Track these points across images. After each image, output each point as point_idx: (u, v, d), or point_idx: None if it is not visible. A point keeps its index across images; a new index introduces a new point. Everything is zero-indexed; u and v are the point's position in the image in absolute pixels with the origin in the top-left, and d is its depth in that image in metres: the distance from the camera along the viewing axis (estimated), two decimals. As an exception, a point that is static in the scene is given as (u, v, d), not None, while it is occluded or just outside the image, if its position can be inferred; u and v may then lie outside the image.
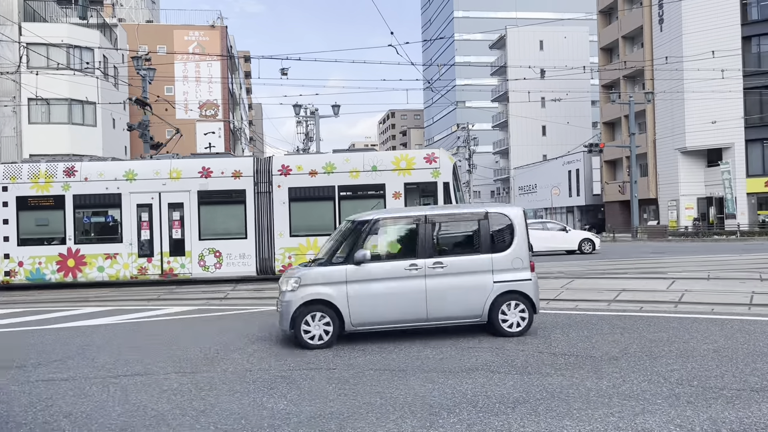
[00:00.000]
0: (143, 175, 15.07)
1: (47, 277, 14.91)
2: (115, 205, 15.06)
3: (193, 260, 14.97)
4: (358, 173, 14.86)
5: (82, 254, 14.97)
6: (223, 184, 15.00)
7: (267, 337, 7.61)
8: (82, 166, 15.25)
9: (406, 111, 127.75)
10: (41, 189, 14.97)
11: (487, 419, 4.24)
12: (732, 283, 11.47)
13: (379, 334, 7.35)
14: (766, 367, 5.34)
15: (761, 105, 38.26)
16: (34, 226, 15.14)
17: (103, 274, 14.97)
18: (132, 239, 15.01)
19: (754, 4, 38.90)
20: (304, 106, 36.07)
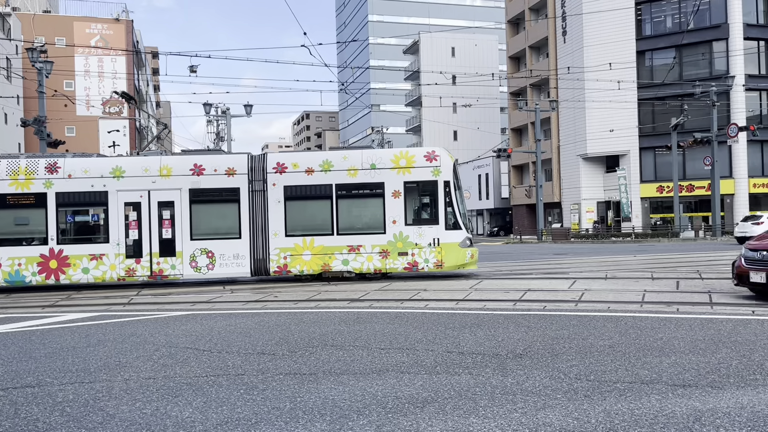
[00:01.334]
0: (131, 172, 14.44)
1: (27, 279, 14.23)
2: (101, 204, 14.40)
3: (185, 261, 14.42)
4: (357, 171, 14.48)
5: (65, 255, 14.28)
6: (215, 181, 14.52)
7: (173, 343, 7.35)
8: (65, 162, 14.45)
9: (321, 113, 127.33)
10: (21, 186, 14.24)
11: (396, 420, 4.28)
12: (627, 282, 12.18)
13: (288, 335, 7.27)
14: (655, 360, 5.70)
15: (653, 115, 40.91)
16: (13, 225, 14.46)
17: (88, 275, 14.33)
18: (119, 239, 14.39)
19: (648, 20, 41.58)
20: (215, 105, 35.19)
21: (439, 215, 14.38)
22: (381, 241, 14.34)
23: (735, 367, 5.37)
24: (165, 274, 14.41)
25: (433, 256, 14.28)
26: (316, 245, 14.39)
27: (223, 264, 14.39)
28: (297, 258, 14.33)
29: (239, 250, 14.43)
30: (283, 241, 14.43)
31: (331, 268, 14.34)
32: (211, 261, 14.38)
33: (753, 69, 39.54)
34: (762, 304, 9.13)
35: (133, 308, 10.99)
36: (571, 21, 43.59)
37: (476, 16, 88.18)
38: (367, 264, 14.32)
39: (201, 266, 14.39)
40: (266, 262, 14.46)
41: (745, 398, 4.48)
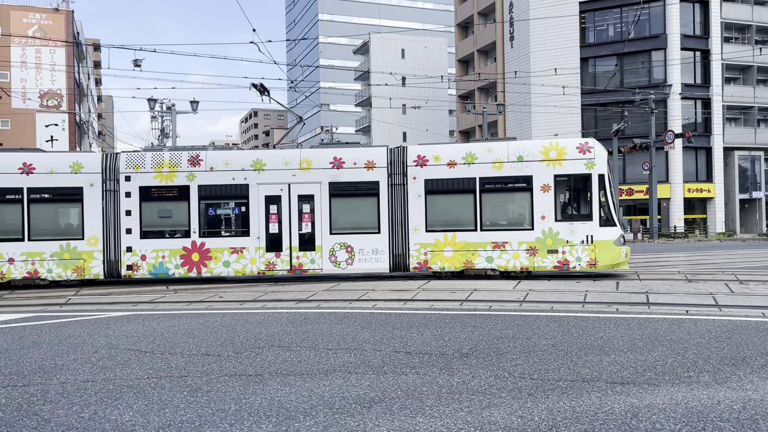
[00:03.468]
0: (272, 165, 14.21)
1: (171, 271, 14.10)
2: (242, 197, 14.18)
3: (324, 256, 14.12)
4: (502, 164, 13.83)
5: (207, 248, 14.11)
6: (355, 175, 14.17)
7: (113, 344, 7.12)
8: (207, 155, 14.19)
9: (269, 111, 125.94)
10: (165, 179, 14.11)
11: (343, 420, 4.27)
12: (569, 283, 12.50)
13: (233, 336, 7.15)
14: (596, 359, 5.86)
15: (596, 121, 42.16)
16: (157, 217, 14.26)
17: (229, 269, 14.11)
18: (260, 233, 14.15)
19: (591, 28, 42.82)
20: (160, 101, 34.34)
21: (593, 211, 13.61)
22: (528, 237, 13.69)
23: (670, 364, 5.58)
24: (304, 269, 14.16)
25: (585, 254, 13.53)
26: (458, 241, 13.86)
27: (362, 259, 14.08)
28: (438, 254, 13.88)
29: (378, 246, 14.08)
30: (423, 237, 13.99)
31: (473, 265, 13.82)
32: (350, 256, 14.07)
33: (689, 78, 41.25)
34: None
35: (71, 309, 10.60)
36: (518, 26, 44.50)
37: (426, 19, 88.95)
38: (513, 262, 13.70)
39: (340, 261, 14.08)
40: (406, 258, 14.04)
41: (680, 395, 4.66)
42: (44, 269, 13.99)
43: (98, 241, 14.09)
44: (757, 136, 44.71)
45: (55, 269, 14.01)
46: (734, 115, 46.91)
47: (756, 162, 44.55)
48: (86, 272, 14.08)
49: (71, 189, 14.14)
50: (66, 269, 14.03)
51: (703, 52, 41.50)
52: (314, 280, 14.85)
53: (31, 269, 13.99)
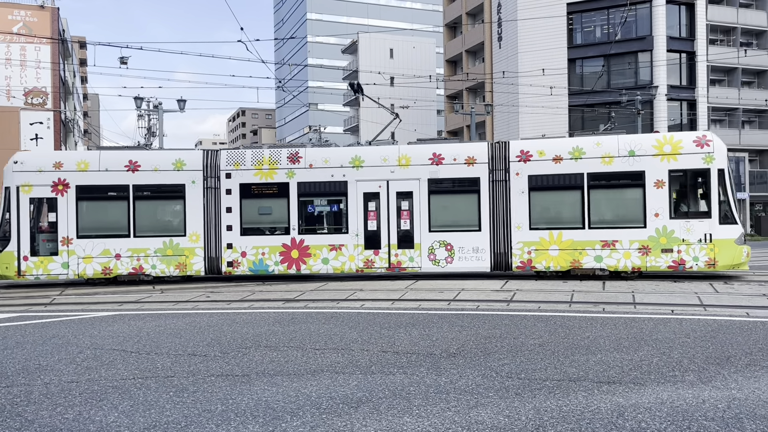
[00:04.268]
0: (370, 161, 14.17)
1: (270, 268, 14.16)
2: (340, 194, 14.20)
3: (423, 253, 13.94)
4: (612, 159, 13.33)
5: (306, 245, 14.15)
6: (455, 171, 13.94)
7: (98, 344, 7.06)
8: (306, 152, 14.18)
9: (257, 110, 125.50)
10: (265, 176, 14.24)
11: (330, 420, 4.26)
12: (556, 283, 12.56)
13: (220, 336, 7.11)
14: (582, 358, 5.89)
15: (583, 121, 42.40)
16: (257, 214, 14.38)
17: (327, 266, 14.12)
18: (358, 230, 14.12)
19: (578, 29, 43.07)
20: (147, 99, 34.09)
21: (712, 208, 12.98)
22: (640, 236, 13.14)
23: (656, 364, 5.62)
24: (403, 267, 13.97)
25: (704, 253, 12.90)
26: (565, 240, 13.43)
27: (462, 257, 13.79)
28: (543, 253, 13.49)
29: (479, 244, 13.78)
30: (526, 235, 13.62)
31: (581, 264, 13.37)
32: (449, 254, 13.81)
33: (675, 80, 41.56)
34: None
35: (56, 309, 10.49)
36: (506, 27, 44.64)
37: (415, 19, 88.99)
38: (624, 261, 13.17)
39: (439, 259, 13.85)
40: (508, 256, 13.69)
41: (665, 394, 4.69)
42: (148, 265, 14.19)
43: (199, 238, 14.22)
44: (742, 137, 45.20)
45: (158, 265, 14.20)
46: (719, 117, 47.35)
47: (741, 163, 45.03)
48: (188, 269, 14.21)
49: (174, 186, 14.30)
50: (169, 265, 14.19)
51: (689, 54, 41.86)
52: (303, 279, 14.81)
53: (136, 265, 14.16)
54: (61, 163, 14.22)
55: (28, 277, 14.13)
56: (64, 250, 14.07)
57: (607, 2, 41.24)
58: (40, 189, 14.12)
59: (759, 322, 7.59)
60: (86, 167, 14.22)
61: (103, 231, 14.21)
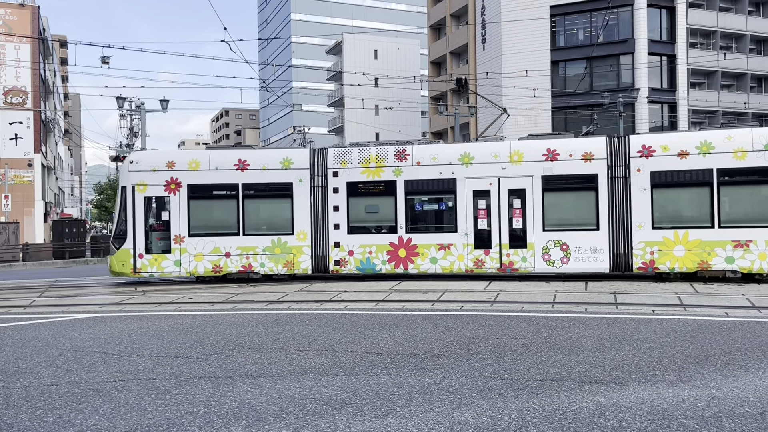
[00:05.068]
0: (480, 158, 13.70)
1: (378, 267, 13.87)
2: (449, 192, 13.77)
3: (536, 253, 13.39)
4: (745, 154, 12.45)
5: (413, 244, 13.79)
6: (570, 168, 13.34)
7: (79, 347, 6.98)
8: (413, 150, 13.96)
9: (240, 110, 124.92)
10: (372, 174, 13.98)
11: (314, 422, 4.25)
12: (539, 284, 12.63)
13: (203, 338, 7.07)
14: (564, 358, 5.93)
15: (566, 123, 42.72)
16: (364, 213, 14.14)
17: (436, 266, 13.68)
18: (467, 229, 13.66)
19: (561, 32, 43.39)
20: (129, 99, 33.79)
21: None
22: None
23: (637, 363, 5.68)
24: (515, 267, 13.47)
25: None
26: (691, 239, 12.71)
27: (578, 258, 13.20)
28: (667, 254, 12.79)
29: (596, 243, 13.18)
30: (649, 234, 12.94)
31: (710, 266, 12.61)
32: (565, 254, 13.25)
33: (656, 83, 42.02)
34: (661, 304, 9.69)
35: (35, 311, 10.36)
36: (490, 29, 44.86)
37: (399, 20, 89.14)
38: (759, 263, 12.33)
39: (554, 259, 13.29)
40: (628, 257, 13.02)
41: (646, 393, 4.74)
42: (257, 263, 14.11)
43: (307, 236, 14.10)
44: (721, 139, 45.70)
45: (267, 263, 14.10)
46: (699, 119, 47.93)
47: (720, 165, 45.55)
48: (296, 267, 14.08)
49: (282, 185, 14.23)
50: (277, 264, 14.09)
51: (670, 57, 42.35)
52: (287, 280, 14.77)
53: (246, 263, 14.10)
54: (174, 163, 14.31)
55: (143, 274, 14.25)
56: (176, 248, 14.16)
57: (589, 5, 41.60)
58: (154, 188, 14.24)
59: (738, 322, 7.69)
60: (197, 166, 14.24)
61: (214, 229, 14.26)
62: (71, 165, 75.36)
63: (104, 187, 69.26)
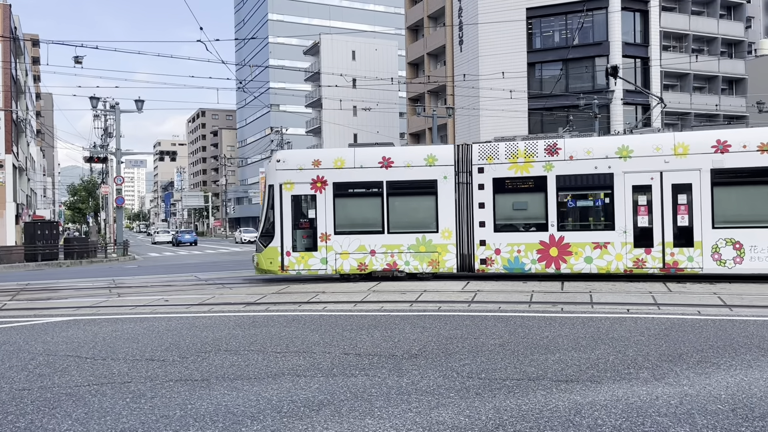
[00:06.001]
0: (640, 151, 12.96)
1: (527, 266, 13.33)
2: (605, 187, 13.08)
3: (704, 253, 12.55)
4: None
5: (566, 242, 13.17)
6: (745, 160, 12.41)
7: (52, 351, 6.86)
8: (565, 143, 13.33)
9: (217, 111, 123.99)
10: (520, 169, 13.43)
11: (291, 424, 4.23)
12: (516, 284, 12.73)
13: (179, 340, 7.00)
14: (541, 358, 5.99)
15: (542, 125, 43.11)
16: (511, 210, 13.65)
17: (591, 265, 13.03)
18: (626, 226, 12.94)
19: (537, 34, 43.79)
20: (103, 99, 33.32)
21: None
22: None
23: (612, 362, 5.75)
24: (680, 267, 12.70)
25: None
26: None
27: (754, 258, 12.29)
28: None
29: None
30: None
31: None
32: (738, 254, 12.40)
33: (630, 85, 42.60)
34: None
35: (7, 314, 10.16)
36: (467, 31, 45.11)
37: (377, 21, 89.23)
38: None
39: (726, 259, 12.43)
40: None
41: (621, 391, 4.80)
42: (402, 261, 13.86)
43: (452, 234, 13.75)
44: (694, 141, 46.51)
45: (412, 262, 13.82)
46: (672, 121, 48.70)
47: (693, 166, 46.34)
48: (440, 266, 13.74)
49: (426, 182, 13.91)
50: (422, 262, 13.79)
51: (643, 60, 42.98)
52: (265, 282, 14.68)
53: (390, 261, 13.87)
54: (320, 161, 14.25)
55: (290, 272, 14.24)
56: (322, 246, 14.09)
57: (564, 8, 42.05)
58: (301, 186, 14.21)
59: (710, 320, 7.83)
60: (342, 164, 14.12)
61: (359, 227, 14.12)
62: (44, 166, 74.10)
63: (78, 188, 68.22)
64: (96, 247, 32.11)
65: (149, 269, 22.67)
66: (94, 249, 31.37)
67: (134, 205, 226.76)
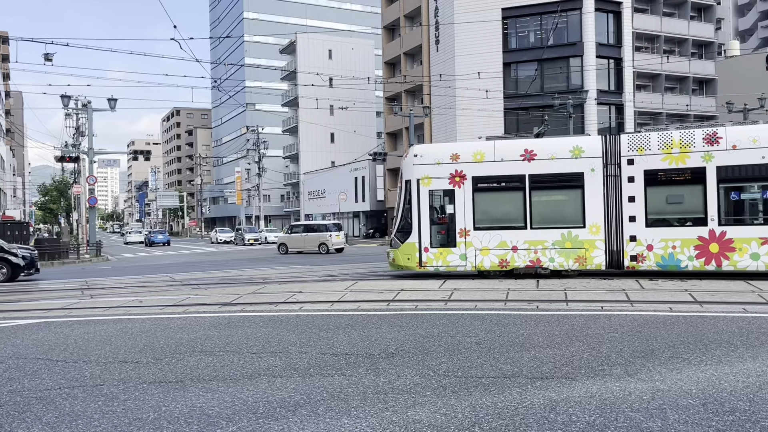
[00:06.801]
0: None
1: (683, 263, 12.54)
2: None
3: None
4: None
5: (728, 238, 12.30)
6: None
7: (21, 354, 6.73)
8: (727, 132, 12.45)
9: (192, 109, 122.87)
10: (675, 161, 12.66)
11: (267, 424, 4.20)
12: (492, 282, 12.80)
13: (153, 342, 6.91)
14: (517, 355, 6.03)
15: (518, 124, 43.42)
16: (665, 204, 12.92)
17: (758, 262, 12.13)
18: None
19: (513, 34, 44.09)
20: (75, 98, 32.78)
21: None
22: None
23: (586, 359, 5.82)
24: None
25: None
26: None
27: None
28: None
29: None
30: None
31: None
32: None
33: (604, 85, 43.15)
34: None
35: (-25, 317, 9.93)
36: (443, 30, 45.27)
37: (353, 20, 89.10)
38: None
39: None
40: None
41: (594, 387, 4.86)
42: (546, 258, 13.34)
43: (600, 230, 13.17)
44: (666, 140, 47.28)
45: (557, 258, 13.30)
46: (645, 121, 49.43)
47: (665, 165, 47.08)
48: (588, 262, 13.18)
49: (571, 175, 13.35)
50: (567, 259, 13.25)
51: (617, 60, 43.55)
52: (241, 282, 14.57)
53: (534, 258, 13.39)
54: (458, 155, 13.87)
55: (428, 268, 13.93)
56: (461, 242, 13.72)
57: (539, 8, 42.41)
58: (439, 181, 13.89)
59: (681, 317, 7.97)
60: (482, 158, 13.70)
61: (499, 223, 13.71)
62: (13, 165, 72.61)
63: (49, 188, 67.00)
64: (68, 248, 31.57)
65: (123, 270, 22.36)
66: (66, 250, 30.84)
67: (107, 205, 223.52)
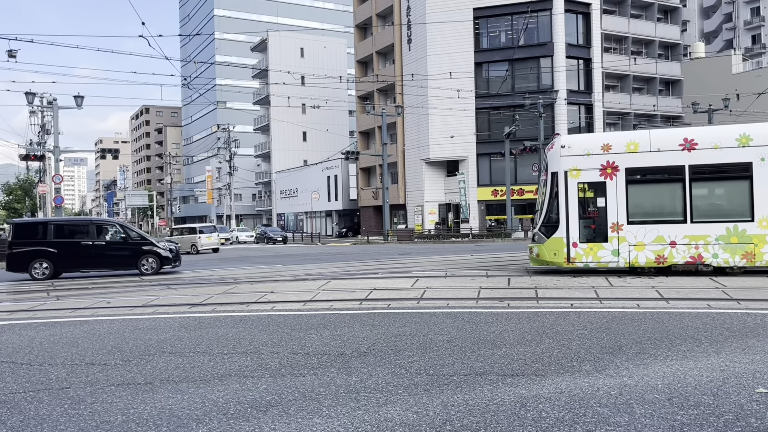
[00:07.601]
0: None
1: None
2: None
3: None
4: None
5: None
6: None
7: (-16, 357, 6.56)
8: None
9: (161, 108, 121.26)
10: None
11: (238, 425, 4.17)
12: (464, 280, 12.89)
13: (122, 343, 6.81)
14: (488, 353, 6.08)
15: (489, 124, 43.75)
16: None
17: None
18: None
19: (484, 34, 44.39)
20: (40, 95, 32.07)
21: None
22: None
23: (556, 356, 5.89)
24: None
25: None
26: None
27: None
28: None
29: None
30: None
31: None
32: None
33: (573, 85, 43.75)
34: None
35: (-64, 320, 9.66)
36: (415, 30, 45.38)
37: (326, 19, 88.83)
38: None
39: None
40: None
41: (564, 384, 4.93)
42: (709, 254, 12.57)
43: None
44: (634, 140, 48.11)
45: (721, 254, 12.52)
46: (613, 121, 50.26)
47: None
48: (757, 259, 12.39)
49: (737, 165, 12.52)
50: (734, 255, 12.47)
51: (586, 61, 44.17)
52: (212, 282, 14.42)
53: (694, 253, 12.62)
54: (610, 146, 13.15)
55: (577, 263, 13.31)
56: (614, 236, 13.05)
57: (510, 8, 42.77)
58: (588, 173, 13.21)
59: (648, 313, 8.12)
60: (636, 148, 12.98)
61: (655, 216, 13.02)
62: (-24, 164, 70.78)
63: (13, 187, 65.45)
64: (33, 248, 30.84)
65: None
66: (31, 250, 30.11)
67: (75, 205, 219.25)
